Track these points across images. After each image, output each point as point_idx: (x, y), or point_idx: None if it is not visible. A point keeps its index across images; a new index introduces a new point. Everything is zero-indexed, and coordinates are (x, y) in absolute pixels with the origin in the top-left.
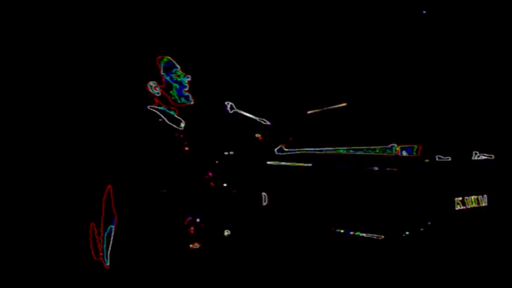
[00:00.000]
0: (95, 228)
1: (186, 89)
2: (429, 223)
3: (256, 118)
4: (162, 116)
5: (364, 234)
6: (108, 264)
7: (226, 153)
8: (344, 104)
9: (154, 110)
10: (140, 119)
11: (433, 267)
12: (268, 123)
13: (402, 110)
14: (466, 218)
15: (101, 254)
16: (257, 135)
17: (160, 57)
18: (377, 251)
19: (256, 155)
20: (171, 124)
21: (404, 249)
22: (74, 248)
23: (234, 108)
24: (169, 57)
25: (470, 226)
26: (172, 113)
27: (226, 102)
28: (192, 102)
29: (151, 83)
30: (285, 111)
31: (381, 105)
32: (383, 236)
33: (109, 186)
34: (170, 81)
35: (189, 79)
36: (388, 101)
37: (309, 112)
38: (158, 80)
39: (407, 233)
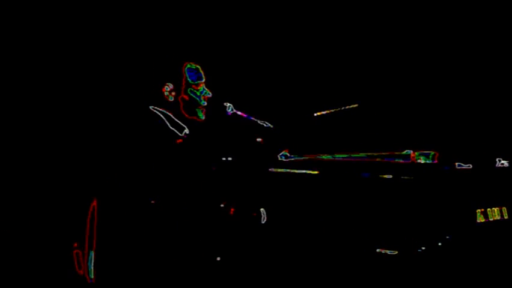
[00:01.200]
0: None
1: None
2: (448, 237)
3: (258, 120)
4: (165, 120)
5: (376, 250)
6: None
7: (224, 159)
8: (355, 106)
9: (157, 112)
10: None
11: (451, 286)
12: (270, 126)
13: (418, 112)
14: (489, 232)
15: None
16: (258, 139)
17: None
18: (390, 268)
19: (257, 161)
20: (173, 129)
21: (419, 266)
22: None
23: (233, 110)
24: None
25: (492, 241)
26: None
27: (225, 103)
28: (203, 118)
29: (168, 85)
30: (289, 113)
31: (396, 106)
32: (396, 252)
33: (94, 202)
34: (190, 93)
35: (209, 96)
36: (403, 102)
37: (316, 114)
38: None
39: (423, 248)
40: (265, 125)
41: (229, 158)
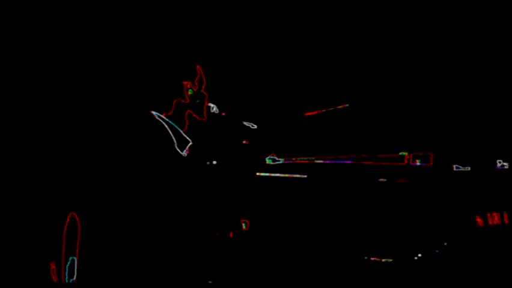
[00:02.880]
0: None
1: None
2: (445, 243)
3: (244, 122)
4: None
5: (370, 258)
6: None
7: (208, 163)
8: (346, 105)
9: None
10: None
11: None
12: (255, 127)
13: (413, 112)
14: (488, 238)
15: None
16: (244, 141)
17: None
18: (385, 277)
19: (242, 164)
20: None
21: (415, 274)
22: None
23: (217, 111)
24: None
25: (493, 247)
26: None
27: (209, 104)
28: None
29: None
30: (277, 113)
31: (389, 106)
32: (391, 260)
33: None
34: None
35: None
36: (397, 101)
37: (306, 114)
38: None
39: (419, 255)
40: (251, 127)
41: (214, 162)
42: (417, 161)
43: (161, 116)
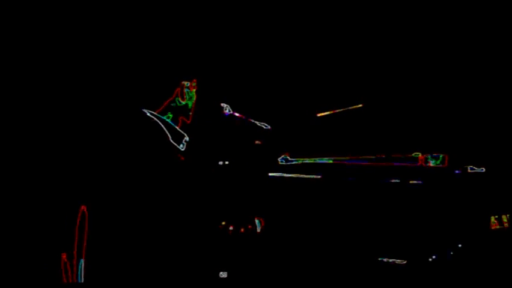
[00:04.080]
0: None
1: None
2: (459, 245)
3: (256, 122)
4: (165, 129)
5: (384, 259)
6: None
7: (221, 163)
8: (359, 106)
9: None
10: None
11: None
12: (269, 127)
13: (427, 113)
14: (503, 240)
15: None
16: (257, 142)
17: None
18: (399, 278)
19: (255, 165)
20: (173, 142)
21: (430, 276)
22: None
23: (230, 111)
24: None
25: (508, 249)
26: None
27: (222, 104)
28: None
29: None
30: (290, 114)
31: (403, 106)
32: (405, 261)
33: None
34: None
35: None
36: (411, 101)
37: (319, 115)
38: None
39: (434, 257)
40: (264, 127)
41: (226, 162)
42: (430, 162)
43: (154, 113)
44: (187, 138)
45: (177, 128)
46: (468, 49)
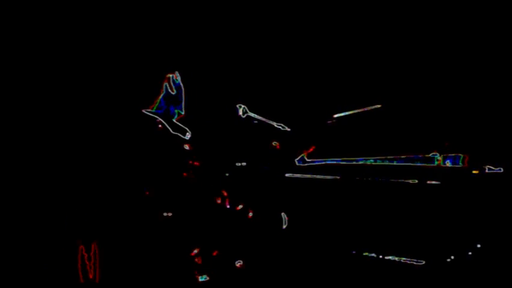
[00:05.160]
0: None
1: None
2: (478, 246)
3: (274, 123)
4: (165, 124)
5: (402, 259)
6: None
7: (238, 164)
8: (377, 106)
9: (152, 115)
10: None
11: None
12: (287, 129)
13: (445, 112)
14: None
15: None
16: (274, 143)
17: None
18: (417, 279)
19: (273, 166)
20: (175, 133)
21: (448, 277)
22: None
23: (246, 112)
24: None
25: None
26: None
27: (237, 105)
28: (183, 113)
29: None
30: (307, 115)
31: (422, 106)
32: (423, 262)
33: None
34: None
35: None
36: (429, 101)
37: (335, 116)
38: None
39: (452, 257)
40: (281, 128)
41: (243, 164)
42: (447, 163)
43: (153, 111)
44: (189, 135)
45: (176, 121)
46: (489, 50)
